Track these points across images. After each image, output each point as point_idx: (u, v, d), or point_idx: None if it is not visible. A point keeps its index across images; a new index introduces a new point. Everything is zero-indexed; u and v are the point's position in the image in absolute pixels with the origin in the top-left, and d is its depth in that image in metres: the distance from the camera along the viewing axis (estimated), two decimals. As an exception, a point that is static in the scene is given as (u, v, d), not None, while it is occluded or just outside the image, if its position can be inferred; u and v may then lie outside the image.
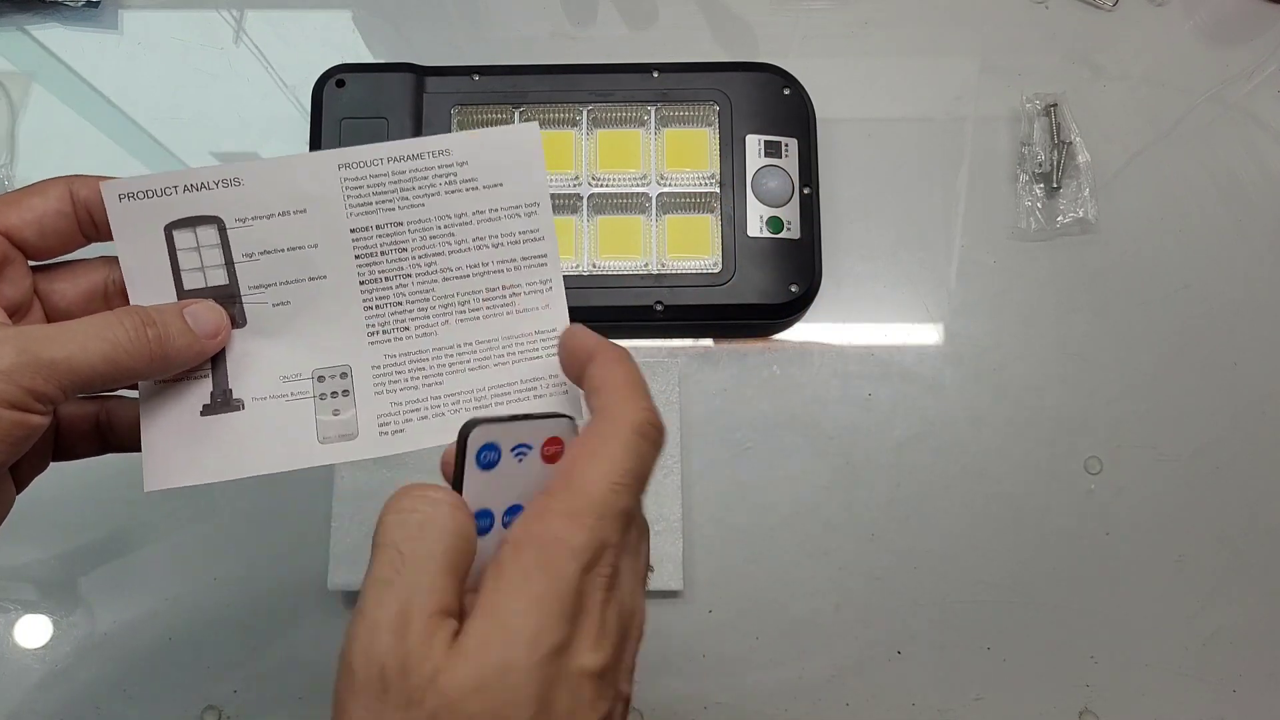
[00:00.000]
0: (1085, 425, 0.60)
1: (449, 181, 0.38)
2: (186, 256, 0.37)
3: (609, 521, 0.29)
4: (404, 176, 0.37)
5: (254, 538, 0.57)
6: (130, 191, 0.36)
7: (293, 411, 0.38)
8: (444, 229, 0.38)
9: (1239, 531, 0.58)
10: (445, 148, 0.37)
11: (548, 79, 0.61)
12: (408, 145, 0.37)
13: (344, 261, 0.38)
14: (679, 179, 0.60)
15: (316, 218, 0.37)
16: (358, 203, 0.37)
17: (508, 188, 0.38)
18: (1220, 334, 0.61)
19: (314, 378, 0.38)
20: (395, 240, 0.38)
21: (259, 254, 0.37)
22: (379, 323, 0.38)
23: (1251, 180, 0.64)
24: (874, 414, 0.60)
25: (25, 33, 0.66)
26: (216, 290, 0.37)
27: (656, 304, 0.58)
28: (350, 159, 0.37)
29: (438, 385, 0.38)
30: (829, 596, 0.57)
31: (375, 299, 0.38)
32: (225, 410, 0.38)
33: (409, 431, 0.38)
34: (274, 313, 0.38)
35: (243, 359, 0.38)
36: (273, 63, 0.66)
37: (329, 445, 0.38)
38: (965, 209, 0.63)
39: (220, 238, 0.37)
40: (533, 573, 0.28)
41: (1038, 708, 0.56)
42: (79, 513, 0.57)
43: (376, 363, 0.38)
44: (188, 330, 0.36)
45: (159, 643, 0.56)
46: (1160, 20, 0.67)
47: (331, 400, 0.38)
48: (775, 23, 0.67)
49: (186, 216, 0.37)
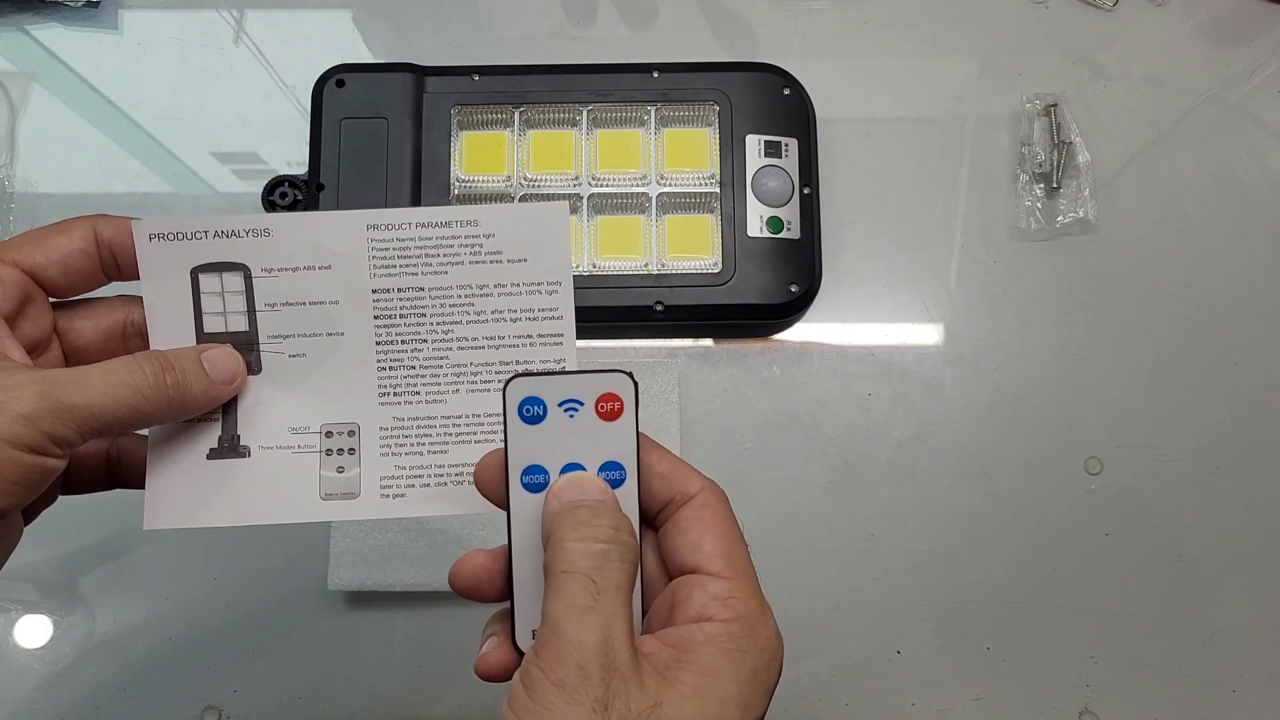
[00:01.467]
0: (1085, 425, 0.60)
1: (474, 252, 0.38)
2: (210, 300, 0.38)
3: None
4: (430, 243, 0.38)
5: (254, 538, 0.57)
6: (161, 232, 0.37)
7: (298, 464, 0.38)
8: (464, 298, 0.38)
9: (1239, 531, 0.58)
10: (474, 219, 0.38)
11: (548, 79, 0.61)
12: (437, 213, 0.38)
13: (363, 320, 0.38)
14: (679, 179, 0.60)
15: (340, 275, 0.38)
16: (382, 264, 0.38)
17: (531, 264, 0.38)
18: (1220, 334, 0.61)
19: (322, 432, 0.38)
20: (415, 304, 0.38)
21: (281, 305, 0.38)
22: (391, 384, 0.38)
23: (1251, 180, 0.64)
24: (874, 414, 0.60)
25: (25, 33, 0.66)
26: (235, 336, 0.38)
27: (656, 304, 0.58)
28: (379, 220, 0.38)
29: (443, 454, 0.38)
30: (829, 596, 0.57)
31: (390, 360, 0.38)
32: (232, 456, 0.38)
33: (409, 497, 0.38)
34: (290, 364, 0.38)
35: (254, 407, 0.38)
36: (273, 63, 0.66)
37: (330, 502, 0.38)
38: (965, 209, 0.63)
39: (245, 285, 0.38)
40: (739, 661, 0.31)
41: (1037, 708, 0.56)
42: (79, 513, 0.57)
43: (385, 424, 0.38)
44: (204, 376, 0.36)
45: (159, 643, 0.56)
46: (1160, 20, 0.67)
47: (337, 457, 0.38)
48: (775, 23, 0.67)
49: (214, 261, 0.37)
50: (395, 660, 0.56)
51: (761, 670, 0.31)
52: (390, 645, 0.56)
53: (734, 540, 0.33)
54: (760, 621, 0.32)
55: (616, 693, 0.29)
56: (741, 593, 0.32)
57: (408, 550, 0.55)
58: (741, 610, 0.32)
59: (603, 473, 0.34)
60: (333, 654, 0.56)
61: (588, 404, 0.33)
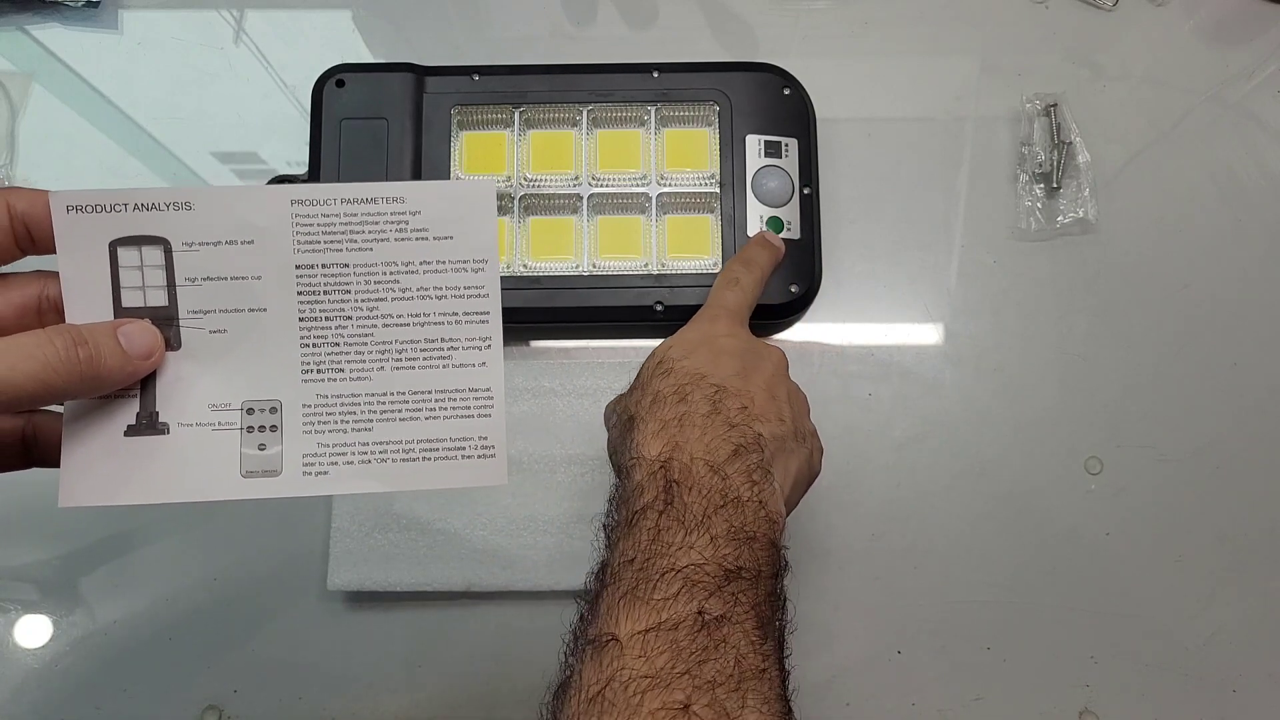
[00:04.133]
0: (1085, 425, 0.60)
1: (400, 229, 0.38)
2: (128, 275, 0.37)
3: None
4: (355, 219, 0.38)
5: (254, 538, 0.57)
6: (79, 204, 0.36)
7: (218, 441, 0.37)
8: (389, 275, 0.38)
9: (1239, 531, 0.58)
10: (400, 195, 0.38)
11: (547, 79, 0.60)
12: (362, 189, 0.38)
13: (286, 297, 0.38)
14: (679, 179, 0.60)
15: (263, 250, 0.37)
16: (306, 240, 0.37)
17: (458, 241, 0.38)
18: (1220, 334, 0.61)
19: (243, 409, 0.38)
20: (339, 281, 0.38)
21: (202, 279, 0.37)
22: (315, 361, 0.38)
23: (1251, 180, 0.64)
24: (874, 414, 0.60)
25: (25, 33, 0.66)
26: (155, 311, 0.37)
27: (656, 304, 0.58)
28: (303, 196, 0.37)
29: (366, 431, 0.38)
30: (829, 596, 0.57)
31: (313, 337, 0.38)
32: (150, 433, 0.37)
33: (332, 475, 0.38)
34: (210, 340, 0.38)
35: (174, 383, 0.37)
36: (272, 63, 0.66)
37: (251, 480, 0.38)
38: (965, 209, 0.63)
39: (165, 259, 0.37)
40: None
41: (1038, 708, 0.56)
42: (79, 513, 0.57)
43: (308, 401, 0.38)
44: (119, 351, 0.35)
45: (159, 642, 0.56)
46: (1160, 20, 0.67)
47: (259, 434, 0.38)
48: (775, 22, 0.67)
49: (133, 235, 0.37)
50: (395, 660, 0.56)
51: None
52: (390, 645, 0.56)
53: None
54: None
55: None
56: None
57: (408, 550, 0.55)
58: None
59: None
60: (333, 654, 0.56)
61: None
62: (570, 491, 0.57)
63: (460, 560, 0.55)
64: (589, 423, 0.58)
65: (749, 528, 0.39)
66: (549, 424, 0.58)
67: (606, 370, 0.59)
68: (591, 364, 0.59)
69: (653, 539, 0.38)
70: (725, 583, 0.37)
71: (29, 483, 0.38)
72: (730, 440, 0.41)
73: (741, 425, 0.42)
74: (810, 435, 0.47)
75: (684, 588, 0.36)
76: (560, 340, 0.61)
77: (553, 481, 0.57)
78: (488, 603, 0.56)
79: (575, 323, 0.59)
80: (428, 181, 0.45)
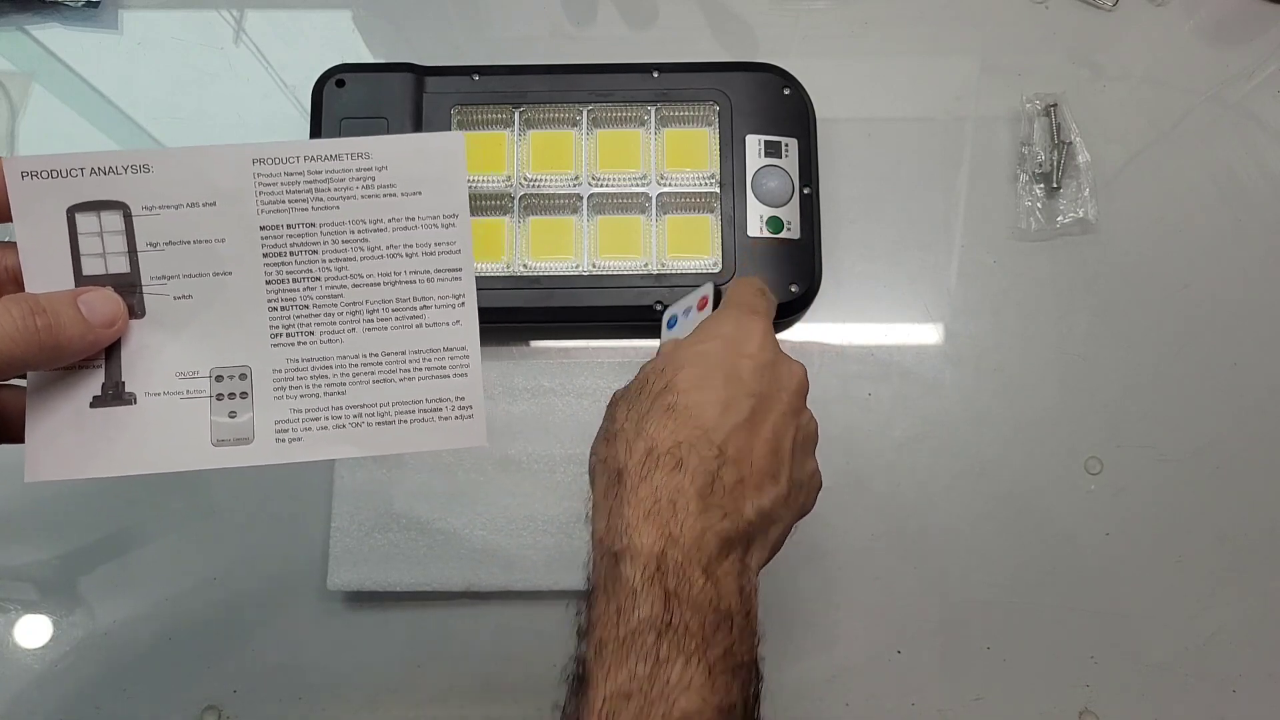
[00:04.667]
0: (1085, 425, 0.60)
1: (366, 186, 0.37)
2: (88, 241, 0.36)
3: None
4: (320, 177, 0.36)
5: (253, 538, 0.57)
6: (34, 170, 0.35)
7: (187, 410, 0.36)
8: (357, 234, 0.37)
9: (1239, 531, 0.58)
10: (365, 150, 0.37)
11: (547, 79, 0.60)
12: (326, 145, 0.37)
13: (251, 259, 0.37)
14: (679, 179, 0.60)
15: (226, 212, 0.36)
16: (270, 200, 0.36)
17: (427, 197, 0.37)
18: (1220, 334, 0.61)
19: (212, 377, 0.37)
20: (306, 241, 0.37)
21: (164, 244, 0.36)
22: (284, 325, 0.37)
23: (1251, 180, 0.64)
24: (874, 414, 0.60)
25: (25, 32, 0.66)
26: (116, 278, 0.36)
27: (656, 304, 0.58)
28: (265, 154, 0.36)
29: (339, 395, 0.37)
30: (829, 597, 0.57)
31: (281, 300, 0.37)
32: (116, 404, 0.36)
33: (306, 441, 0.37)
34: (175, 306, 0.36)
35: (139, 352, 0.36)
36: (272, 62, 0.66)
37: (223, 448, 0.37)
38: (965, 209, 0.63)
39: (125, 224, 0.36)
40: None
41: (1038, 708, 0.56)
42: (78, 513, 0.57)
43: (278, 366, 0.37)
44: (80, 319, 0.34)
45: (159, 643, 0.56)
46: (1160, 20, 0.67)
47: (229, 401, 0.37)
48: (775, 22, 0.67)
49: (91, 200, 0.36)
50: (395, 660, 0.56)
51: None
52: (390, 645, 0.56)
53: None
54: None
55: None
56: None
57: (408, 550, 0.55)
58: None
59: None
60: (332, 654, 0.56)
61: (693, 307, 0.46)
62: (570, 491, 0.57)
63: (460, 560, 0.55)
64: (588, 423, 0.58)
65: (739, 652, 0.37)
66: (548, 424, 0.58)
67: (606, 370, 0.59)
68: (591, 364, 0.59)
69: (652, 672, 0.35)
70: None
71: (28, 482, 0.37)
72: (720, 532, 0.37)
73: (734, 513, 0.38)
74: (807, 481, 0.44)
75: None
76: (560, 340, 0.61)
77: (552, 481, 0.57)
78: (488, 603, 0.56)
79: (575, 323, 0.59)
80: (393, 135, 0.43)
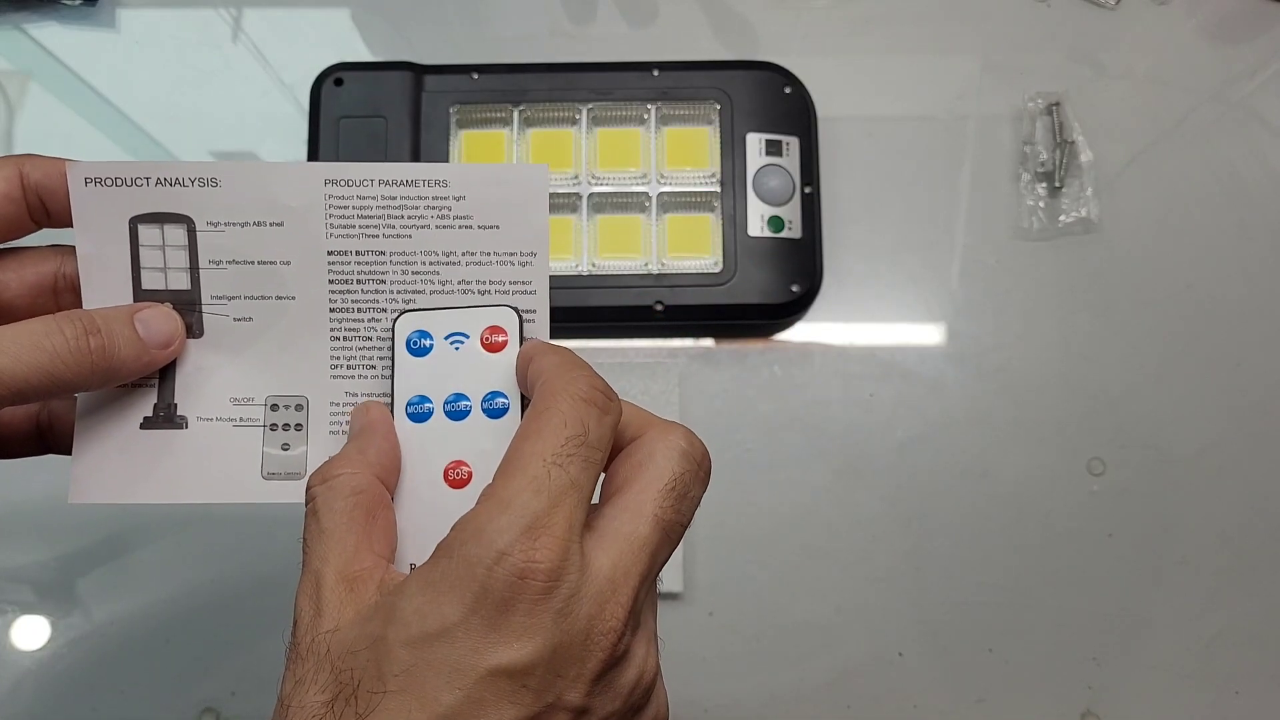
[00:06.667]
0: (1088, 426, 0.59)
1: (442, 215, 0.35)
2: (149, 255, 0.34)
3: (546, 497, 0.28)
4: (394, 203, 0.35)
5: (252, 538, 0.57)
6: (98, 177, 0.34)
7: (239, 439, 0.35)
8: (428, 266, 0.35)
9: (1242, 532, 0.58)
10: (443, 178, 0.34)
11: (547, 77, 0.60)
12: (403, 170, 0.34)
13: (316, 284, 0.35)
14: (679, 178, 0.60)
15: (293, 233, 0.34)
16: (340, 223, 0.35)
17: (505, 231, 0.35)
18: (1223, 334, 0.61)
19: (267, 405, 0.35)
20: (375, 270, 0.35)
21: (227, 262, 0.35)
22: (345, 356, 0.35)
23: (1255, 179, 0.64)
24: (875, 414, 0.59)
25: (22, 31, 0.66)
26: (176, 295, 0.35)
27: (656, 304, 0.57)
28: (338, 175, 0.34)
29: None
30: (830, 599, 0.57)
31: (345, 330, 0.35)
32: (167, 426, 0.35)
33: None
34: (235, 328, 0.35)
35: (194, 374, 0.35)
36: (271, 61, 0.66)
37: (273, 482, 0.35)
38: (967, 208, 0.63)
39: (188, 239, 0.34)
40: (453, 572, 0.27)
41: (1040, 710, 0.55)
42: (76, 514, 0.57)
43: (336, 399, 0.35)
44: (136, 339, 0.33)
45: (156, 644, 0.55)
46: (1163, 19, 0.67)
47: (283, 433, 0.35)
48: (776, 21, 0.67)
49: (155, 212, 0.34)
50: (394, 662, 0.55)
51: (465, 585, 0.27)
52: (389, 647, 0.55)
53: (533, 414, 0.31)
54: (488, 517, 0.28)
55: (311, 626, 0.31)
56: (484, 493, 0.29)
57: (406, 551, 0.55)
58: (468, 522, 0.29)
59: (485, 402, 0.33)
60: (331, 656, 0.55)
61: (474, 337, 0.34)
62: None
63: (459, 561, 0.55)
64: (589, 423, 0.58)
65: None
66: (549, 424, 0.58)
67: (606, 370, 0.58)
68: (590, 364, 0.59)
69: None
70: None
71: (27, 482, 0.37)
72: None
73: None
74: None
75: None
76: (560, 340, 0.61)
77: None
78: (487, 604, 0.56)
79: (575, 323, 0.59)
80: (474, 164, 0.40)
